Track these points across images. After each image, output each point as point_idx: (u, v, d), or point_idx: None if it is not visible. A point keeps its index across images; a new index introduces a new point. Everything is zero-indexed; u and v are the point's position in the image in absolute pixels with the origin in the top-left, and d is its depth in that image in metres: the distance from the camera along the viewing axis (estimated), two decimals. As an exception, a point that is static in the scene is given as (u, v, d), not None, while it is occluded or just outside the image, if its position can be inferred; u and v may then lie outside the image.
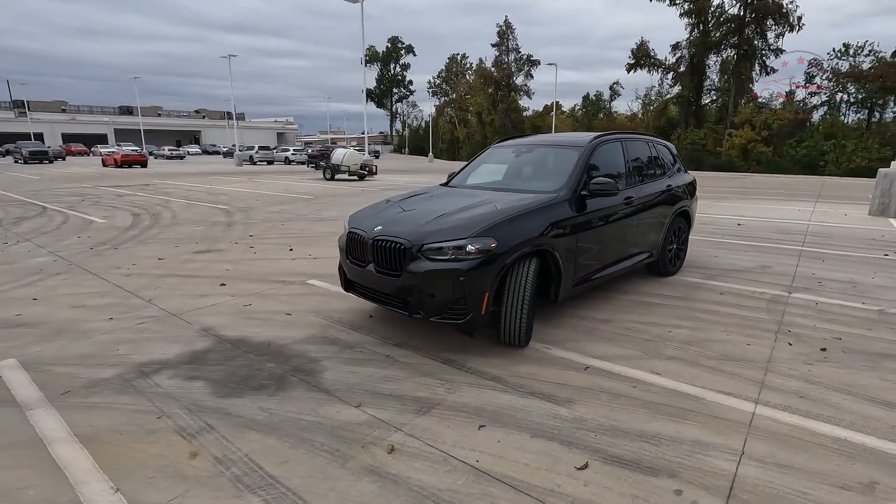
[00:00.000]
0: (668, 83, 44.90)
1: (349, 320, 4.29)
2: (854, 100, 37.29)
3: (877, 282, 5.40)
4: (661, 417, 2.74)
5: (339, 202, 13.21)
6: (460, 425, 2.68)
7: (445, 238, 3.37)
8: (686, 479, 2.24)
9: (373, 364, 3.44)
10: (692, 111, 41.11)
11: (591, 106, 67.82)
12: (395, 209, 4.10)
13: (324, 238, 8.05)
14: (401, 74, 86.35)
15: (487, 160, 5.21)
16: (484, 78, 62.20)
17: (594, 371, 3.31)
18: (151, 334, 3.99)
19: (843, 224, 9.48)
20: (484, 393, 3.03)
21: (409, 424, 2.69)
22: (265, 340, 3.86)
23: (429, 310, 3.37)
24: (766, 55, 38.34)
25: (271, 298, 4.91)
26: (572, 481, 2.23)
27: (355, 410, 2.84)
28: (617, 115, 64.18)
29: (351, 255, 3.91)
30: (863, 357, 3.49)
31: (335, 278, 5.52)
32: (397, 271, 3.47)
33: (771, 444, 2.49)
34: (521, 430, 2.63)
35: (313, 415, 2.79)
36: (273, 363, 3.46)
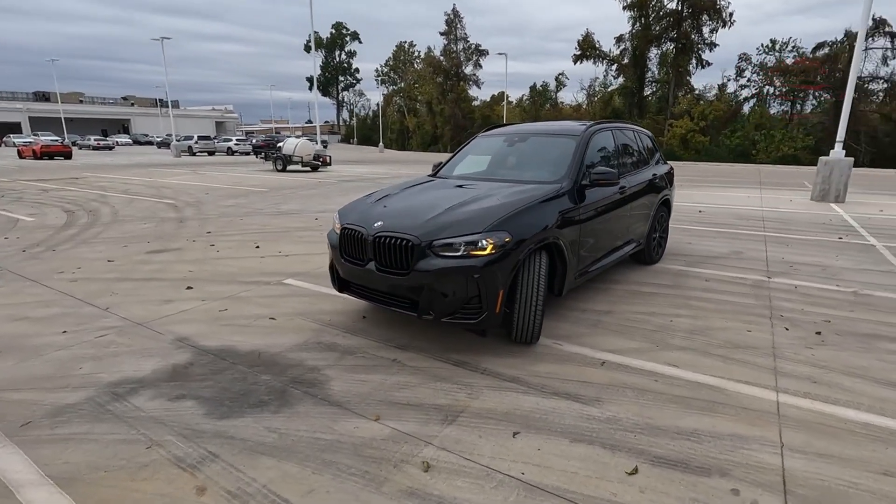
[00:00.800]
0: (612, 74, 46.41)
1: (342, 323, 4.00)
2: (779, 92, 40.06)
3: (841, 264, 5.72)
4: (692, 412, 2.70)
5: (298, 195, 12.59)
6: (493, 434, 2.51)
7: (457, 233, 3.16)
8: (738, 476, 2.18)
9: (381, 370, 3.20)
10: (636, 102, 42.70)
11: (538, 96, 68.92)
12: (391, 202, 3.83)
13: (290, 233, 7.59)
14: (346, 62, 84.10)
15: (475, 150, 5.01)
16: (433, 67, 61.63)
17: (611, 366, 3.23)
18: (118, 348, 3.53)
19: (792, 209, 10.09)
20: (507, 396, 2.87)
21: (437, 437, 2.49)
22: (253, 349, 3.51)
23: (441, 310, 3.16)
24: (702, 49, 40.39)
25: (248, 302, 4.52)
26: (627, 489, 2.11)
27: (375, 424, 2.60)
28: (563, 105, 65.71)
29: (346, 254, 3.62)
30: (855, 339, 3.63)
31: (314, 277, 5.21)
32: (404, 270, 3.23)
33: (805, 434, 2.49)
34: (557, 435, 2.49)
35: (330, 432, 2.53)
36: (269, 375, 3.13)
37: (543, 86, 69.40)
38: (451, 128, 59.94)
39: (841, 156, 10.92)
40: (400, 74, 75.91)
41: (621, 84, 43.86)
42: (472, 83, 62.94)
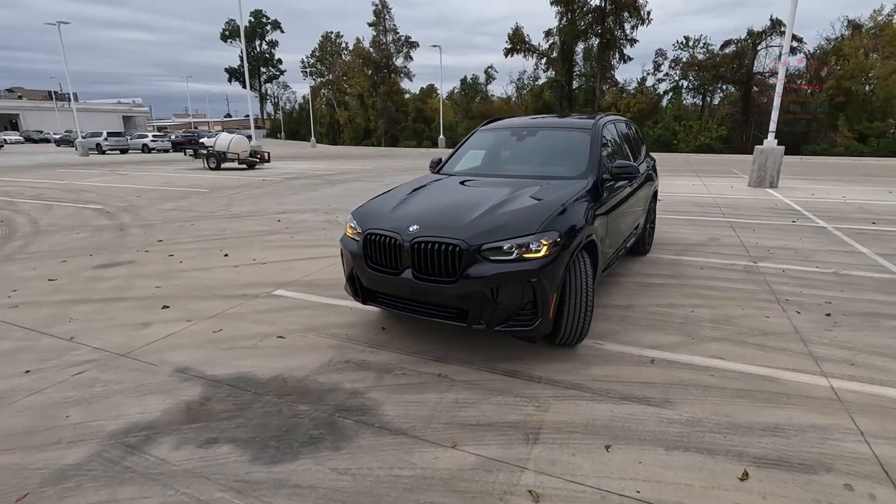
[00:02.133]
0: (542, 68, 47.75)
1: (362, 337, 3.66)
2: (692, 86, 43.19)
3: (808, 246, 6.16)
4: (761, 405, 2.70)
5: (245, 195, 11.69)
6: (584, 449, 2.36)
7: (508, 235, 2.95)
8: (842, 470, 2.19)
9: (431, 388, 2.93)
10: (565, 94, 44.23)
11: (469, 89, 69.54)
12: (416, 204, 3.54)
13: (256, 238, 6.97)
14: (268, 52, 79.93)
15: (480, 145, 4.80)
16: (363, 59, 60.16)
17: (661, 364, 3.19)
18: (106, 387, 2.98)
19: (738, 195, 10.83)
20: (578, 405, 2.73)
21: (529, 459, 2.29)
22: (274, 375, 3.10)
23: (494, 319, 2.95)
24: (624, 44, 42.58)
25: (243, 319, 4.03)
26: (748, 497, 2.04)
27: (455, 452, 2.35)
28: (493, 98, 66.78)
29: (373, 262, 3.29)
30: (860, 318, 3.87)
31: (307, 286, 4.79)
32: (450, 277, 2.97)
33: (874, 419, 2.56)
34: (649, 445, 2.38)
35: (408, 467, 2.25)
36: (306, 405, 2.77)
37: (474, 79, 70.11)
38: (384, 121, 58.95)
39: (773, 145, 11.88)
40: (327, 66, 73.42)
41: (551, 77, 45.21)
42: (404, 75, 62.19)
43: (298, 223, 8.03)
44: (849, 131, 34.55)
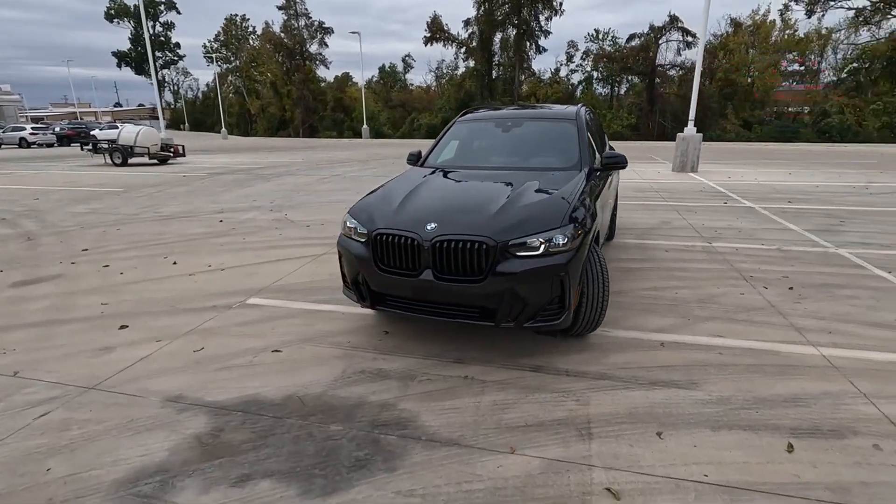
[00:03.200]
0: (461, 57, 48.13)
1: (368, 343, 3.45)
2: (602, 76, 45.82)
3: (746, 225, 6.76)
4: (775, 378, 2.90)
5: (170, 194, 10.60)
6: (639, 439, 2.39)
7: (534, 230, 2.89)
8: (866, 432, 2.40)
9: (462, 392, 2.83)
10: (486, 84, 44.98)
11: (387, 78, 68.52)
12: (421, 201, 3.36)
13: (203, 242, 6.34)
14: (163, 35, 72.95)
15: (462, 137, 4.67)
16: (274, 44, 56.91)
17: (671, 346, 3.33)
18: (85, 428, 2.54)
19: (668, 180, 11.65)
20: (614, 395, 2.76)
21: (592, 456, 2.28)
22: (287, 395, 2.82)
23: (523, 316, 2.89)
24: (539, 35, 44.07)
25: (223, 334, 3.64)
26: (801, 467, 2.18)
27: (517, 458, 2.28)
28: (412, 87, 66.36)
29: (385, 263, 3.09)
30: (817, 289, 4.31)
31: (284, 292, 4.45)
32: (478, 276, 2.86)
33: (869, 381, 2.85)
34: (695, 428, 2.47)
35: (476, 479, 2.15)
36: (338, 424, 2.55)
37: (391, 67, 69.17)
38: (301, 111, 56.41)
39: (693, 132, 12.90)
40: (233, 52, 68.61)
41: (471, 67, 45.72)
42: (320, 63, 59.82)
43: (245, 223, 7.43)
44: (735, 119, 38.61)
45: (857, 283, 4.42)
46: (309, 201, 9.22)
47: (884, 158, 17.44)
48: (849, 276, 4.64)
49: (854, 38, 39.85)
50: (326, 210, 8.32)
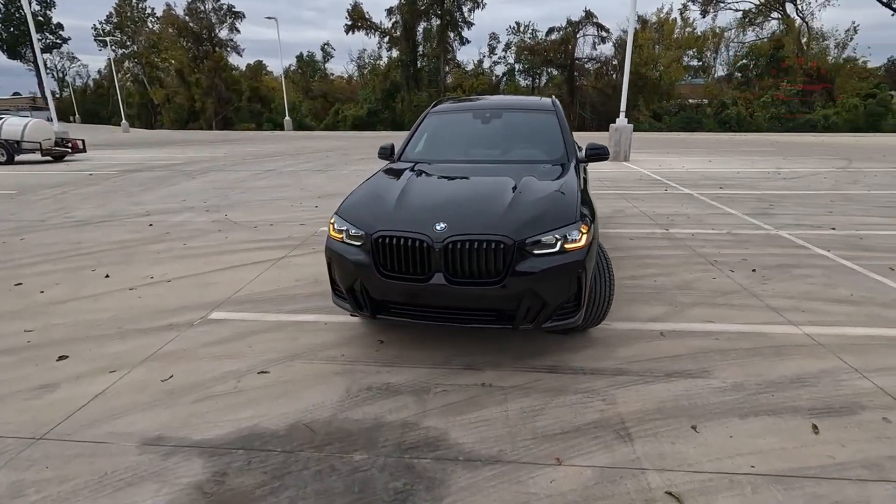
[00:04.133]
0: (385, 47, 47.15)
1: (363, 355, 3.17)
2: (523, 68, 47.04)
3: (692, 211, 7.16)
4: (774, 360, 3.02)
5: (79, 195, 9.31)
6: (677, 435, 2.36)
7: (550, 226, 2.76)
8: (871, 406, 2.55)
9: (485, 402, 2.66)
10: (412, 74, 44.46)
11: (306, 67, 65.78)
12: (419, 199, 3.11)
13: (136, 250, 5.59)
14: (42, 14, 64.42)
15: (438, 129, 4.42)
16: (178, 28, 52.30)
17: (671, 335, 3.37)
18: (46, 490, 2.08)
19: (606, 169, 12.10)
20: (637, 391, 2.73)
21: (639, 458, 2.22)
22: (290, 423, 2.50)
23: (541, 317, 2.77)
24: (462, 27, 44.24)
25: (193, 358, 3.18)
26: (831, 447, 2.26)
27: (567, 469, 2.16)
28: (333, 77, 64.23)
29: (388, 269, 2.82)
30: (776, 270, 4.61)
31: (250, 304, 4.04)
32: (495, 277, 2.69)
33: (853, 355, 3.05)
34: (725, 417, 2.49)
35: (534, 499, 2.00)
36: (362, 453, 2.28)
37: (310, 56, 66.48)
38: (213, 101, 52.46)
39: (625, 123, 13.52)
40: (130, 36, 62.18)
41: (396, 57, 44.96)
42: (232, 50, 55.95)
43: (180, 227, 6.67)
44: (646, 110, 41.35)
45: (806, 263, 4.80)
46: (248, 200, 8.51)
47: (780, 147, 19.46)
48: (797, 256, 5.03)
49: (742, 38, 44.23)
50: (271, 209, 7.71)
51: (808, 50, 40.27)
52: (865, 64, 39.11)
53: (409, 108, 42.65)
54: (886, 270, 4.53)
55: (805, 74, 36.37)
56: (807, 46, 40.76)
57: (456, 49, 45.03)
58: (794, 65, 37.01)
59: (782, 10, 41.57)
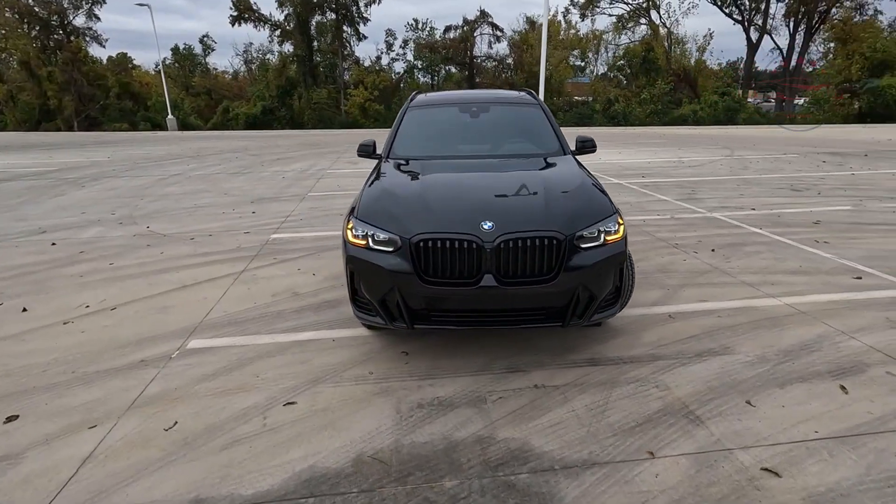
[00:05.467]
0: (276, 40, 44.50)
1: (396, 371, 2.91)
2: (422, 66, 47.24)
3: (629, 199, 7.65)
4: (775, 330, 3.30)
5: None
6: (739, 411, 2.47)
7: (594, 220, 2.74)
8: (871, 362, 2.88)
9: (548, 404, 2.57)
10: (308, 70, 42.50)
11: (184, 61, 60.16)
12: (448, 199, 2.91)
13: (51, 274, 4.63)
14: None
15: (424, 124, 4.17)
16: (20, 14, 44.75)
17: (679, 317, 3.54)
18: None
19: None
20: (682, 374, 2.81)
21: (720, 440, 2.28)
22: (352, 458, 2.21)
23: (590, 310, 2.74)
24: (359, 22, 43.22)
25: (190, 398, 2.69)
26: (866, 404, 2.50)
27: (664, 461, 2.15)
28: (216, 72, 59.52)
29: (431, 274, 2.60)
30: (731, 249, 5.07)
31: (234, 325, 3.62)
32: (548, 275, 2.60)
33: (834, 319, 3.43)
34: (768, 389, 2.66)
35: (649, 497, 1.96)
36: (449, 478, 2.08)
37: (188, 48, 60.91)
38: (72, 98, 45.75)
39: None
40: (-47, 20, 51.90)
41: (291, 52, 42.67)
42: (91, 40, 49.27)
43: (94, 244, 5.66)
44: (541, 107, 43.79)
45: (750, 241, 5.35)
46: (167, 208, 7.49)
47: (668, 139, 21.64)
48: (739, 234, 5.60)
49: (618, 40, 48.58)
50: (201, 218, 6.86)
51: (671, 53, 45.38)
52: (720, 66, 45.15)
53: (307, 106, 40.77)
54: (813, 243, 5.21)
55: (673, 74, 40.94)
56: (670, 49, 45.93)
57: (354, 45, 43.95)
58: (663, 65, 41.45)
59: (648, 17, 46.38)
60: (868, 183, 8.70)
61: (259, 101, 42.36)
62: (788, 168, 10.73)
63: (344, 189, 8.94)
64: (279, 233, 6.00)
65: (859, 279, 4.18)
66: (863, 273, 4.31)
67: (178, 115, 38.79)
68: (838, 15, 37.77)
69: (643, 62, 43.27)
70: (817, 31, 41.54)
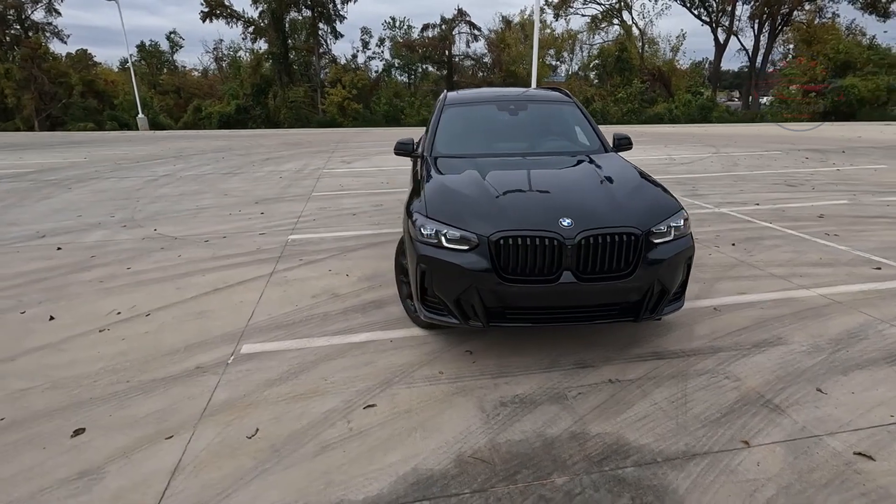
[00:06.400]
0: (250, 37, 43.50)
1: (466, 370, 2.89)
2: (400, 65, 46.99)
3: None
4: (819, 320, 3.42)
5: None
6: (813, 399, 2.55)
7: (664, 215, 2.79)
8: (919, 348, 3.03)
9: (630, 398, 2.60)
10: (284, 68, 41.71)
11: (151, 58, 58.31)
12: (514, 196, 2.90)
13: (67, 280, 4.41)
14: None
15: (463, 121, 4.16)
16: (-27, 7, 42.46)
17: (723, 310, 3.63)
18: None
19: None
20: (748, 365, 2.88)
21: (806, 427, 2.34)
22: (452, 459, 2.19)
23: (662, 304, 2.79)
24: (335, 19, 42.64)
25: (262, 403, 2.61)
26: (927, 388, 2.63)
27: (760, 449, 2.20)
28: (185, 69, 57.93)
29: (509, 272, 2.59)
30: (751, 242, 5.22)
31: (280, 329, 3.51)
32: (625, 270, 2.63)
33: (875, 309, 3.56)
34: (833, 376, 2.75)
35: (759, 484, 2.00)
36: (557, 475, 2.08)
37: (154, 45, 59.10)
38: (32, 96, 43.70)
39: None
40: None
41: (266, 50, 41.76)
42: (52, 35, 47.20)
43: (102, 248, 5.43)
44: (518, 105, 44.13)
45: (767, 234, 5.52)
46: (168, 210, 7.23)
47: (652, 137, 21.95)
48: (752, 229, 5.78)
49: (592, 40, 49.41)
50: (207, 220, 6.65)
51: (644, 53, 46.42)
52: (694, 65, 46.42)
53: (283, 105, 39.99)
54: (824, 236, 5.42)
55: (648, 74, 41.88)
56: (643, 50, 46.97)
57: (331, 43, 43.36)
58: (638, 64, 42.35)
59: (620, 18, 47.33)
60: (854, 178, 9.10)
61: (233, 99, 41.32)
62: (775, 164, 11.12)
63: (347, 189, 8.81)
64: (296, 234, 5.87)
65: (879, 269, 4.37)
66: (881, 264, 4.50)
67: (147, 114, 37.45)
68: (801, 17, 39.39)
69: (617, 62, 44.12)
70: (780, 33, 43.23)
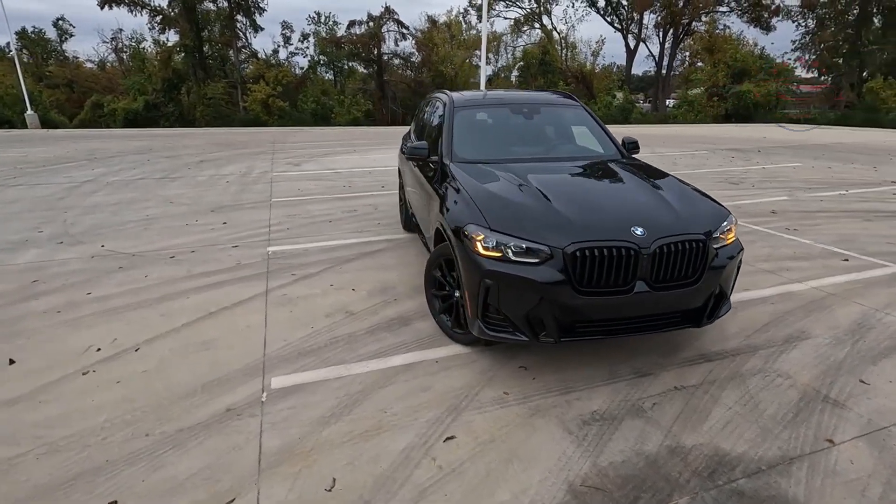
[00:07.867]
0: (157, 27, 39.90)
1: (529, 388, 2.76)
2: (326, 62, 45.47)
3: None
4: (825, 312, 3.67)
5: None
6: (860, 392, 2.70)
7: (718, 221, 2.82)
8: (920, 334, 3.33)
9: (702, 405, 2.61)
10: (198, 62, 38.73)
11: (34, 46, 51.99)
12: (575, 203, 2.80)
13: (13, 312, 3.68)
14: None
15: (478, 126, 3.97)
16: None
17: (740, 307, 3.74)
18: None
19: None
20: (790, 362, 3.00)
21: (871, 420, 2.47)
22: (565, 490, 2.05)
23: (720, 309, 2.83)
24: (254, 12, 40.29)
25: (322, 447, 2.31)
26: (945, 372, 2.89)
27: (845, 447, 2.28)
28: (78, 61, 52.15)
29: (586, 284, 2.49)
30: (726, 239, 5.53)
31: (305, 356, 3.19)
32: (693, 277, 2.62)
33: (865, 298, 3.88)
34: (866, 365, 2.94)
35: (863, 484, 2.07)
36: (678, 496, 2.01)
37: (39, 32, 52.80)
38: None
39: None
40: None
41: (178, 41, 38.49)
42: None
43: (45, 269, 4.61)
44: (448, 105, 44.38)
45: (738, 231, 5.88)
46: (108, 222, 6.34)
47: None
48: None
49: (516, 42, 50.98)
50: (161, 232, 5.91)
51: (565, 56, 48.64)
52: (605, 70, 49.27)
53: (199, 101, 37.12)
54: (785, 230, 5.90)
55: (572, 76, 43.90)
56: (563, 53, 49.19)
57: (251, 37, 40.94)
58: (561, 67, 44.27)
59: (541, 22, 49.27)
60: (781, 175, 10.06)
61: (140, 95, 37.69)
62: (709, 164, 12.02)
63: (309, 194, 8.28)
64: (274, 245, 5.38)
65: (847, 261, 4.81)
66: (846, 255, 4.96)
67: (37, 110, 33.07)
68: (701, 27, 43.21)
69: (541, 63, 45.85)
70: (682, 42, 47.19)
